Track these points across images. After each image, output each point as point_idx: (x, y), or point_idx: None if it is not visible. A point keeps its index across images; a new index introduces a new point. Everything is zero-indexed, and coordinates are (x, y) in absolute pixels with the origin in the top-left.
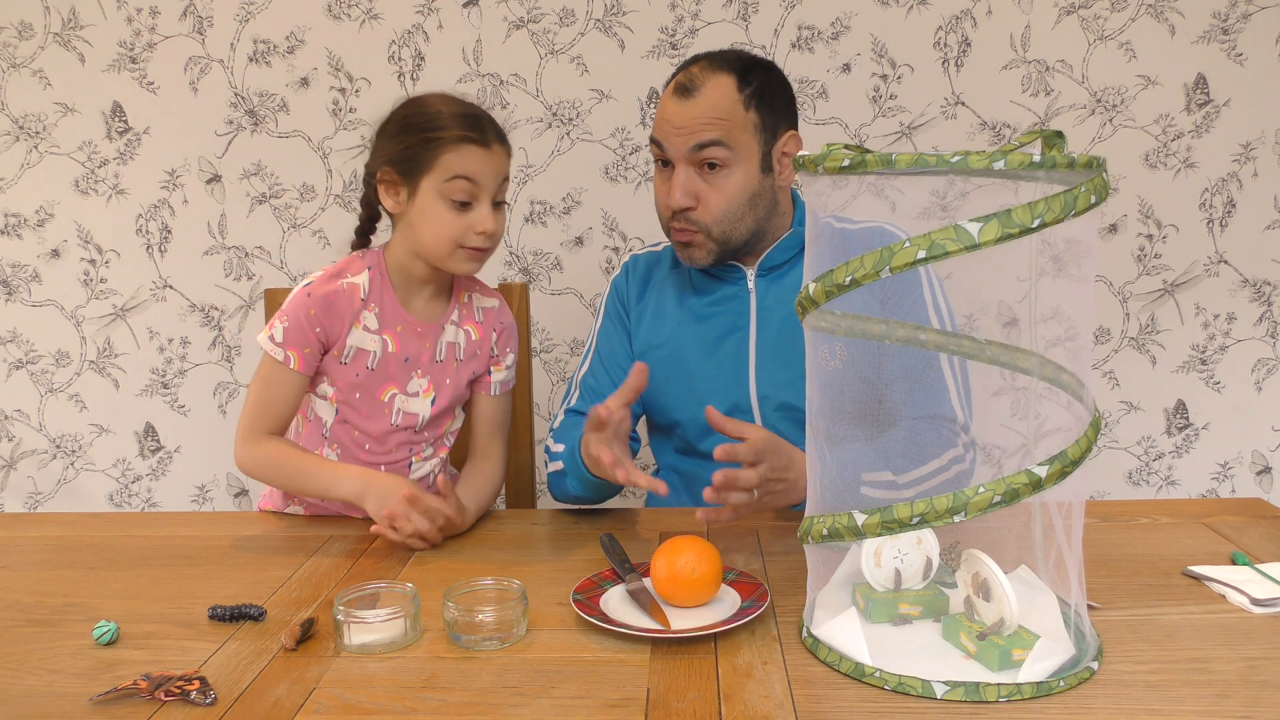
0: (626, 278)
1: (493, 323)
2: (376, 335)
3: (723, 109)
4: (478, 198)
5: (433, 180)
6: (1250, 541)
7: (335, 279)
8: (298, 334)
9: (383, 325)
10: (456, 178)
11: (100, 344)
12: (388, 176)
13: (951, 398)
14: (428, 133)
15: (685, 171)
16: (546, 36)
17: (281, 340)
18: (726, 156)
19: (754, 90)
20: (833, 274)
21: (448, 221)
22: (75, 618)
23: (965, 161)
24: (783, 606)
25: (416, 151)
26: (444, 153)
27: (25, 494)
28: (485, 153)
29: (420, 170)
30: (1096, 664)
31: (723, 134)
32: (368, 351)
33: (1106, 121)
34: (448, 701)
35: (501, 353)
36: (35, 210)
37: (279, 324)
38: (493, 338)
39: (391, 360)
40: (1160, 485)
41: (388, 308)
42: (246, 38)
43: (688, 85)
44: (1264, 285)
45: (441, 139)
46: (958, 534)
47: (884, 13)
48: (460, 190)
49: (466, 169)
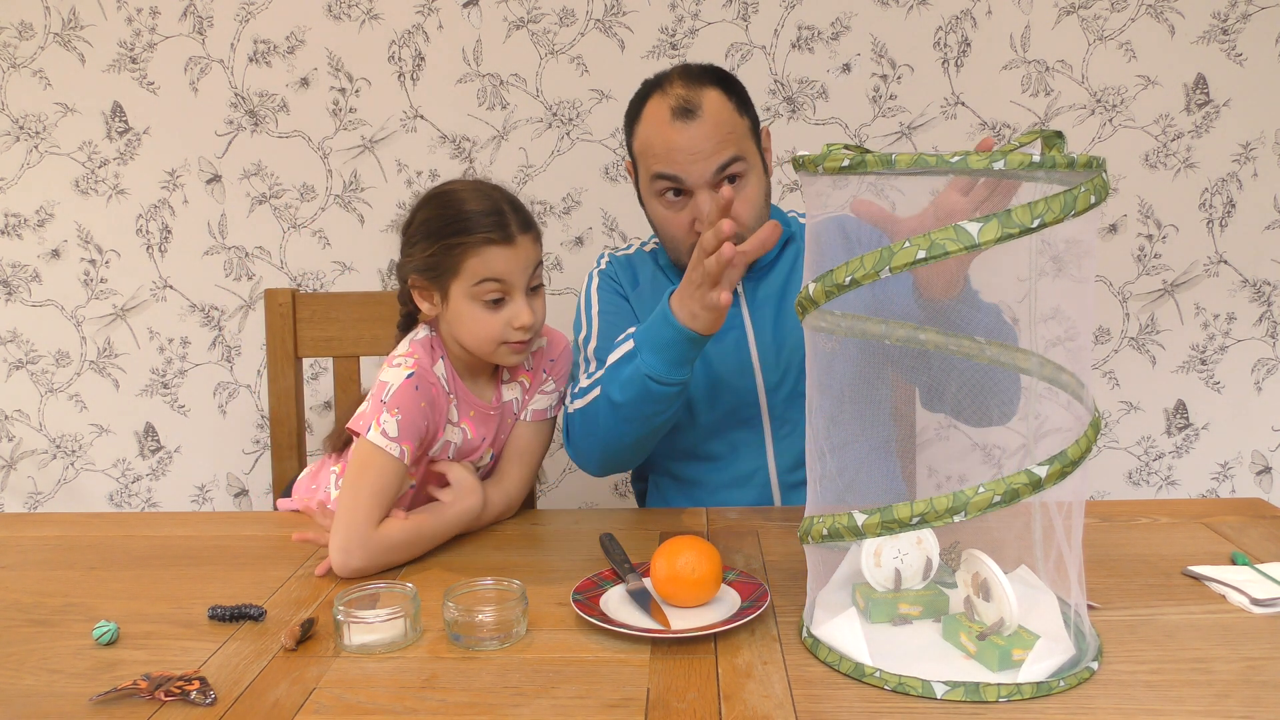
0: (614, 268)
1: (542, 363)
2: (458, 427)
3: (727, 122)
4: (510, 294)
5: (461, 285)
6: (1250, 541)
7: (425, 371)
8: (411, 427)
9: (461, 415)
10: (484, 281)
11: (100, 344)
12: (418, 283)
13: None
14: (448, 238)
15: (706, 195)
16: (546, 36)
17: (396, 435)
18: (744, 169)
19: (738, 96)
20: (833, 274)
21: (484, 322)
22: (75, 618)
23: (965, 161)
24: (783, 606)
25: (440, 258)
26: (468, 257)
27: (25, 494)
28: (510, 250)
29: (447, 276)
30: (1096, 664)
31: (736, 148)
32: (450, 443)
33: (1106, 121)
34: (448, 701)
35: (544, 381)
36: (35, 210)
37: (390, 417)
38: (543, 377)
39: (470, 444)
40: (1160, 485)
41: (461, 395)
42: (246, 38)
43: (688, 108)
44: (1264, 285)
45: (464, 243)
46: (958, 534)
47: (884, 13)
48: (490, 291)
49: (493, 270)
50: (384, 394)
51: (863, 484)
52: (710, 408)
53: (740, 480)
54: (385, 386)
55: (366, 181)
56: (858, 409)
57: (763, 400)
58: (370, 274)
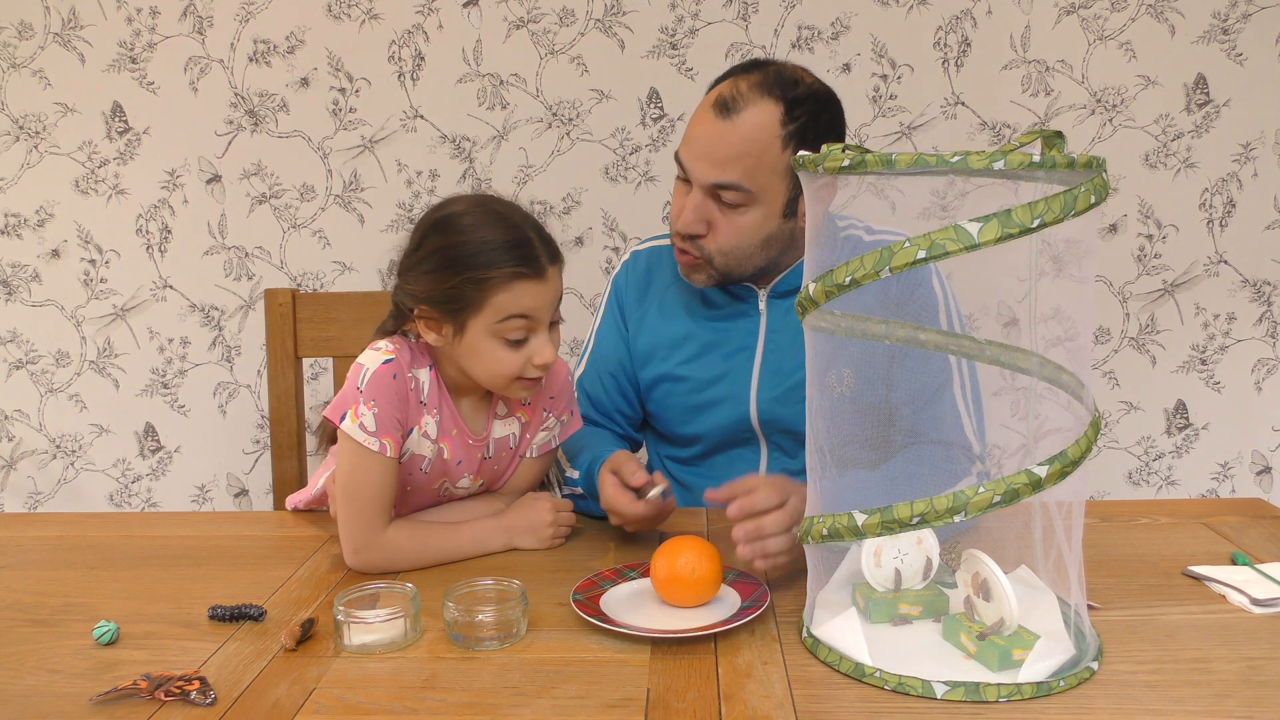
0: (626, 277)
1: (542, 401)
2: (434, 443)
3: (757, 143)
4: (535, 330)
5: (483, 320)
6: (1250, 541)
7: (403, 366)
8: (389, 420)
9: (441, 433)
10: (511, 318)
11: (100, 344)
12: (427, 314)
13: (965, 424)
14: (473, 271)
15: (700, 196)
16: (546, 36)
17: (375, 429)
18: (744, 200)
19: (798, 129)
20: (833, 274)
21: (503, 360)
22: (75, 618)
23: (965, 162)
24: (783, 606)
25: (461, 292)
26: (496, 293)
27: (25, 494)
28: (541, 285)
29: (467, 311)
30: (1096, 664)
31: (744, 176)
32: (422, 457)
33: (1106, 121)
34: (448, 701)
35: (545, 419)
36: (35, 210)
37: (367, 409)
38: (543, 414)
39: (446, 464)
40: (1160, 485)
41: (446, 414)
42: (246, 38)
43: (728, 103)
44: (1264, 285)
45: (491, 279)
46: (958, 534)
47: (884, 13)
48: (516, 329)
49: (522, 307)
50: (360, 380)
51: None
52: (707, 420)
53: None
54: (360, 371)
55: (366, 181)
56: (857, 409)
57: (756, 424)
58: (370, 274)
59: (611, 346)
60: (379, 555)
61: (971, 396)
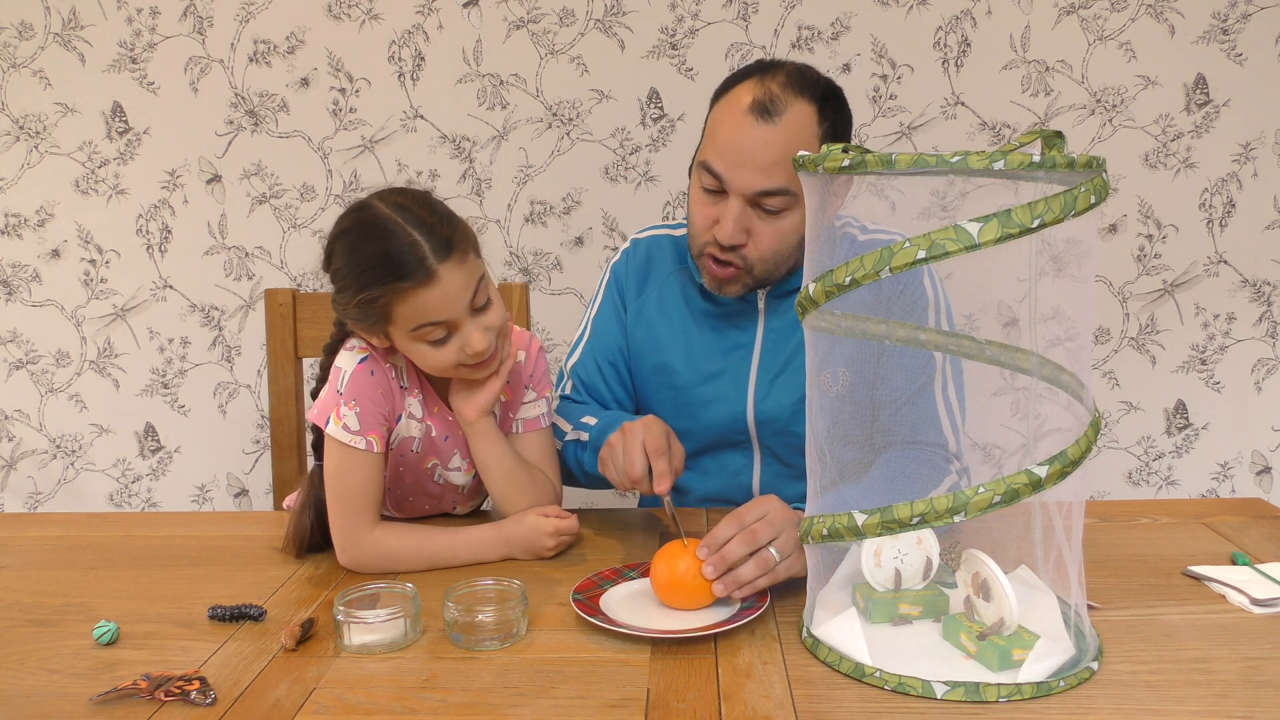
0: (627, 264)
1: (522, 378)
2: (420, 422)
3: (799, 145)
4: (455, 326)
5: (399, 330)
6: (1250, 541)
7: (379, 358)
8: (371, 417)
9: (425, 411)
10: (421, 326)
11: (100, 344)
12: (355, 326)
13: (943, 423)
14: (367, 289)
15: (740, 205)
16: (546, 36)
17: (359, 428)
18: (787, 204)
19: (830, 125)
20: (833, 274)
21: (435, 357)
22: (75, 618)
23: (965, 162)
24: (783, 606)
25: (365, 310)
26: (393, 308)
27: (25, 494)
28: (436, 289)
29: (381, 324)
30: (1096, 664)
31: (789, 179)
32: (412, 438)
33: (1106, 121)
34: (448, 701)
35: (524, 394)
36: (35, 210)
37: (349, 410)
38: (523, 391)
39: (434, 441)
40: (1160, 485)
41: (427, 392)
42: (246, 38)
43: (767, 106)
44: (1264, 285)
45: (379, 298)
46: (958, 534)
47: (884, 13)
48: (432, 333)
49: (425, 315)
50: (339, 382)
51: (862, 483)
52: (700, 418)
53: (724, 498)
54: (339, 374)
55: (366, 181)
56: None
57: (751, 425)
58: None
59: (610, 334)
60: (369, 553)
61: (955, 395)
